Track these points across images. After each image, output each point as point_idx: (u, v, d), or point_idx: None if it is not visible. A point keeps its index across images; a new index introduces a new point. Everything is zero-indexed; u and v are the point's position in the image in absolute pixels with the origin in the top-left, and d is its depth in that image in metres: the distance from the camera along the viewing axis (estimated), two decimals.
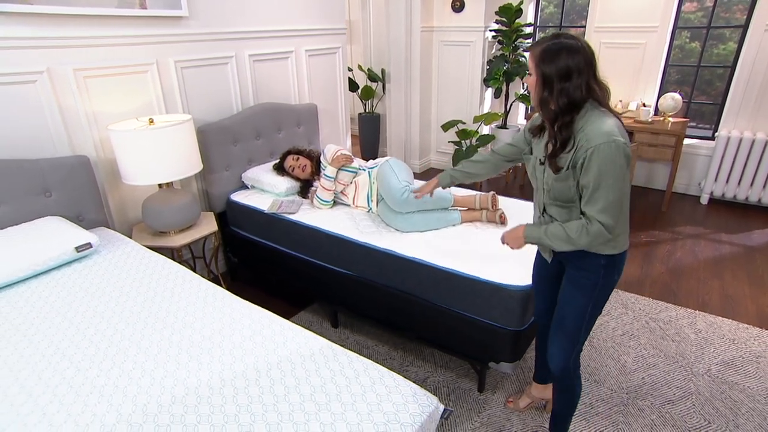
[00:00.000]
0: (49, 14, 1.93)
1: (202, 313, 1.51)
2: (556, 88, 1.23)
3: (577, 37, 1.25)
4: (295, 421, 1.08)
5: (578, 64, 1.21)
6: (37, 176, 1.94)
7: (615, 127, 1.21)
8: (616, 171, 1.20)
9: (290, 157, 2.62)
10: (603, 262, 1.35)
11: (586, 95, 1.23)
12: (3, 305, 1.54)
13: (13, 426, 1.07)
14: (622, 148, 1.19)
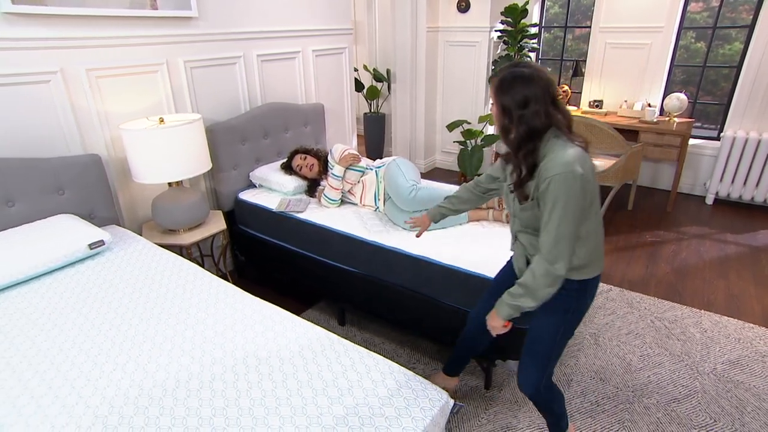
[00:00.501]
0: (63, 15, 1.96)
1: (214, 309, 1.53)
2: (515, 116, 1.23)
3: (534, 65, 1.25)
4: (309, 415, 1.10)
5: (535, 92, 1.20)
6: (51, 175, 1.97)
7: (575, 156, 1.19)
8: (569, 202, 1.18)
9: (298, 157, 2.64)
10: (576, 287, 1.34)
11: (545, 122, 1.22)
12: (20, 301, 1.57)
13: (35, 416, 1.10)
14: (579, 179, 1.16)
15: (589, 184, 1.20)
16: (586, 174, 1.18)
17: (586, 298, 1.38)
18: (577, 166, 1.17)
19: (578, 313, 1.40)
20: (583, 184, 1.17)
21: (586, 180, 1.18)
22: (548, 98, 1.22)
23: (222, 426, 1.07)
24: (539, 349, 1.43)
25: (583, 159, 1.21)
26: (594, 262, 1.33)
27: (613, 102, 4.37)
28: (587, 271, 1.33)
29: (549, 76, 1.24)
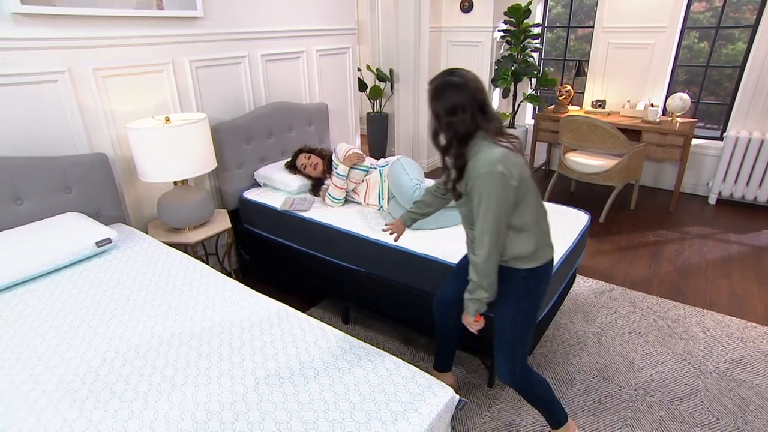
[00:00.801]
0: (71, 15, 1.98)
1: (221, 306, 1.55)
2: (444, 122, 1.34)
3: (465, 74, 1.34)
4: (316, 410, 1.11)
5: (462, 100, 1.30)
6: (59, 173, 1.99)
7: (498, 157, 1.29)
8: (492, 199, 1.29)
9: (302, 156, 2.65)
10: (524, 275, 1.42)
11: (472, 128, 1.32)
12: (29, 297, 1.58)
13: (47, 410, 1.11)
14: (500, 177, 1.27)
15: (512, 181, 1.30)
16: (508, 173, 1.28)
17: (539, 284, 1.47)
18: (499, 166, 1.28)
19: (533, 299, 1.48)
20: (504, 181, 1.28)
21: (508, 178, 1.29)
22: (476, 106, 1.32)
23: (230, 420, 1.09)
24: (505, 338, 1.51)
25: (507, 158, 1.31)
26: (540, 251, 1.42)
27: (615, 102, 4.38)
28: (533, 260, 1.41)
29: (479, 85, 1.34)
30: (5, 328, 1.42)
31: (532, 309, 1.49)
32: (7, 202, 1.85)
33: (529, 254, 1.40)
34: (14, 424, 1.07)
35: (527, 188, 1.36)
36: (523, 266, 1.41)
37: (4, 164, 1.82)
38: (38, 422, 1.08)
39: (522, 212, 1.37)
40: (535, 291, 1.47)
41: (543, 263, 1.43)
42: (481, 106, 1.32)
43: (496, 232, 1.33)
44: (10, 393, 1.17)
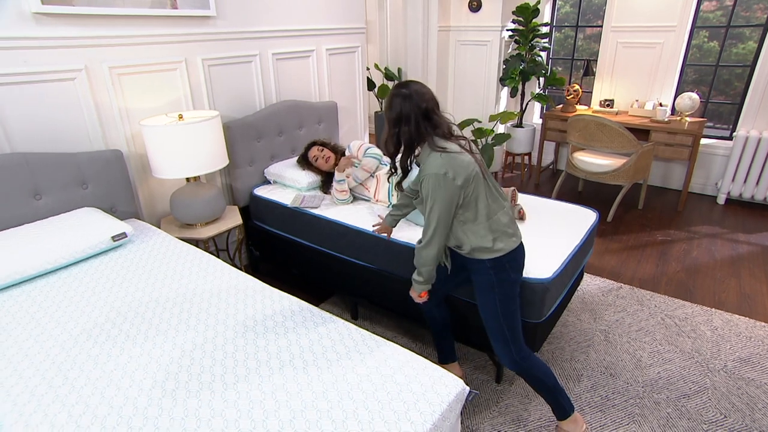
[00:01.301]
0: (89, 15, 2.02)
1: (234, 299, 1.58)
2: (393, 131, 1.49)
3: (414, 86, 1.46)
4: (329, 399, 1.14)
5: (408, 112, 1.43)
6: (76, 169, 2.04)
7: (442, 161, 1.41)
8: (437, 198, 1.42)
9: (315, 148, 2.65)
10: (489, 264, 1.53)
11: (415, 138, 1.46)
12: (48, 290, 1.63)
13: (71, 396, 1.15)
14: (443, 178, 1.40)
15: (456, 181, 1.41)
16: (452, 174, 1.40)
17: (507, 272, 1.55)
18: (443, 168, 1.40)
19: (506, 286, 1.56)
20: (447, 182, 1.40)
21: (452, 179, 1.40)
22: (420, 115, 1.44)
23: (246, 408, 1.12)
24: (491, 326, 1.61)
25: (452, 161, 1.41)
26: (498, 242, 1.51)
27: (624, 101, 4.37)
28: (493, 251, 1.51)
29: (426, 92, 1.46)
30: (27, 318, 1.47)
31: (508, 295, 1.57)
32: (27, 197, 1.90)
33: (488, 246, 1.50)
34: (41, 408, 1.11)
35: (476, 186, 1.46)
36: (486, 257, 1.52)
37: (24, 160, 1.86)
38: (63, 406, 1.12)
39: (472, 208, 1.48)
40: (506, 279, 1.55)
41: (505, 253, 1.52)
42: (425, 114, 1.44)
43: (437, 227, 1.46)
44: (36, 378, 1.21)
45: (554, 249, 1.94)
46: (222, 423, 1.07)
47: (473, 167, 1.45)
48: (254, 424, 1.07)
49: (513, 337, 1.60)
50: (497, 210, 1.53)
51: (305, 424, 1.07)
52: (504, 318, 1.57)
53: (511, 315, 1.58)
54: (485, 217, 1.49)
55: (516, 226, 1.59)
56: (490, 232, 1.50)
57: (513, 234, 1.55)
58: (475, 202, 1.48)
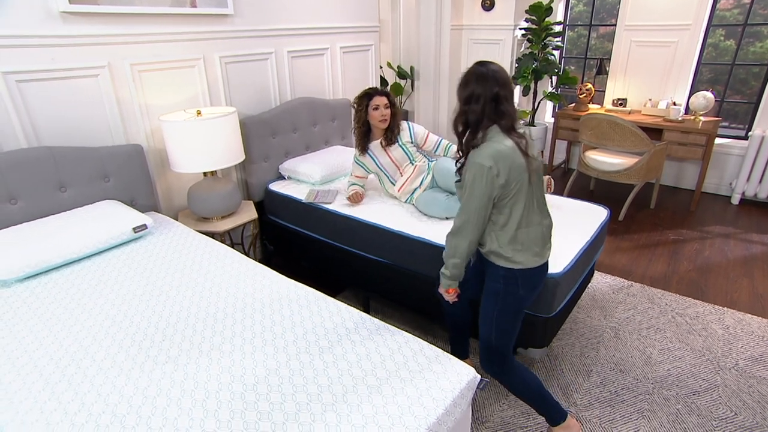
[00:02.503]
0: (113, 13, 2.08)
1: (251, 288, 1.63)
2: (462, 109, 1.43)
3: (492, 66, 1.40)
4: (344, 384, 1.18)
5: (481, 92, 1.37)
6: (99, 163, 2.10)
7: (495, 153, 1.34)
8: (476, 189, 1.36)
9: (385, 98, 2.33)
10: (502, 273, 1.49)
11: (480, 119, 1.39)
12: (74, 278, 1.69)
13: (98, 377, 1.21)
14: (487, 171, 1.34)
15: (498, 178, 1.35)
16: (496, 169, 1.34)
17: (516, 287, 1.49)
18: (490, 161, 1.34)
19: (510, 301, 1.51)
20: (489, 176, 1.34)
21: (494, 174, 1.34)
22: (489, 100, 1.37)
23: (254, 383, 1.16)
24: (482, 328, 1.60)
25: (504, 157, 1.35)
26: (518, 255, 1.45)
27: (637, 100, 4.35)
28: (510, 261, 1.46)
29: (504, 77, 1.39)
30: (55, 305, 1.53)
31: (508, 309, 1.52)
32: (53, 190, 1.97)
33: (507, 255, 1.45)
34: (52, 392, 1.17)
35: (518, 192, 1.40)
36: (501, 264, 1.47)
37: (51, 154, 1.93)
38: (106, 379, 1.17)
39: (505, 212, 1.43)
40: (512, 293, 1.50)
41: (521, 268, 1.46)
42: (495, 99, 1.37)
43: (469, 219, 1.41)
44: (65, 359, 1.27)
45: (565, 244, 1.96)
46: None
47: (522, 171, 1.38)
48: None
49: (499, 348, 1.58)
50: (532, 223, 1.46)
51: (321, 407, 1.11)
52: (496, 329, 1.55)
53: (505, 329, 1.55)
54: (515, 225, 1.43)
55: (547, 247, 1.52)
56: (514, 242, 1.44)
57: (538, 253, 1.48)
58: (511, 209, 1.42)
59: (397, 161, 2.42)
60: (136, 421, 1.08)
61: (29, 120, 1.94)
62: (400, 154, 2.42)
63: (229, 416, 1.09)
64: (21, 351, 1.31)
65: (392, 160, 2.42)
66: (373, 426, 1.06)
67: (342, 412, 1.10)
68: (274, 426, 1.06)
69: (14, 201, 1.88)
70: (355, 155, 2.49)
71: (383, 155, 2.42)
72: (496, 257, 1.48)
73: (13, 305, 1.52)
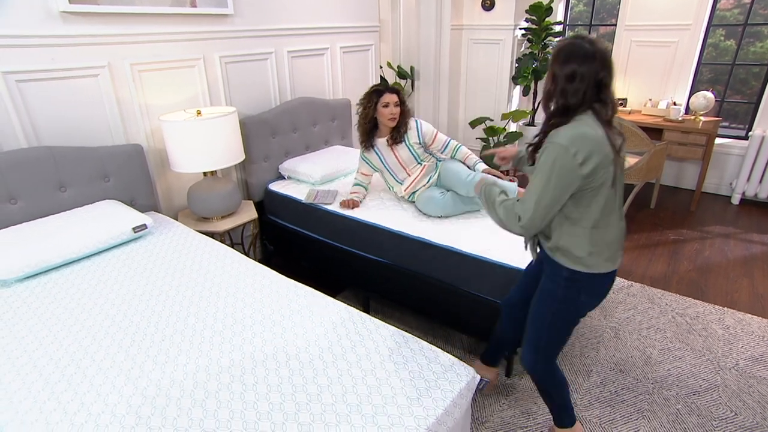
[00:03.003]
0: (113, 13, 2.08)
1: (251, 288, 1.63)
2: (558, 88, 1.25)
3: (597, 43, 1.22)
4: (344, 384, 1.18)
5: (584, 71, 1.20)
6: (99, 162, 2.10)
7: (579, 135, 1.19)
8: (549, 173, 1.21)
9: (395, 96, 2.26)
10: (565, 275, 1.35)
11: (580, 102, 1.23)
12: (74, 278, 1.69)
13: (97, 377, 1.21)
14: (570, 159, 1.18)
15: (582, 167, 1.20)
16: (580, 157, 1.19)
17: (578, 292, 1.37)
18: (575, 146, 1.18)
19: (567, 306, 1.40)
20: (573, 164, 1.19)
21: (577, 162, 1.19)
22: (592, 84, 1.21)
23: (254, 383, 1.16)
24: (532, 329, 1.50)
25: (591, 144, 1.19)
26: (589, 258, 1.31)
27: (637, 100, 4.35)
28: (578, 263, 1.32)
29: (610, 60, 1.22)
30: (54, 305, 1.53)
31: (564, 314, 1.42)
32: (53, 189, 1.97)
33: (579, 255, 1.31)
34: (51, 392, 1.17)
35: (602, 186, 1.24)
36: (566, 264, 1.33)
37: (51, 154, 1.93)
38: (106, 379, 1.17)
39: (584, 207, 1.27)
40: (572, 298, 1.37)
41: (589, 272, 1.32)
42: (598, 84, 1.22)
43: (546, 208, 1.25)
44: (65, 359, 1.27)
45: None
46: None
47: (608, 164, 1.22)
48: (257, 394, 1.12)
49: (546, 350, 1.50)
50: (610, 224, 1.31)
51: (320, 407, 1.11)
52: (548, 331, 1.45)
53: (557, 334, 1.46)
54: (592, 224, 1.29)
55: (620, 252, 1.38)
56: (589, 242, 1.30)
57: (611, 258, 1.34)
58: (589, 204, 1.27)
59: (403, 161, 2.37)
60: (136, 420, 1.08)
61: (29, 120, 1.94)
62: (407, 155, 2.36)
63: (228, 416, 1.09)
64: (21, 351, 1.31)
65: (399, 160, 2.37)
66: (372, 426, 1.06)
67: (341, 413, 1.10)
68: (274, 426, 1.06)
69: (14, 201, 1.88)
70: (361, 152, 2.45)
71: (390, 154, 2.37)
72: (561, 255, 1.33)
73: (12, 305, 1.52)
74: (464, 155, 2.40)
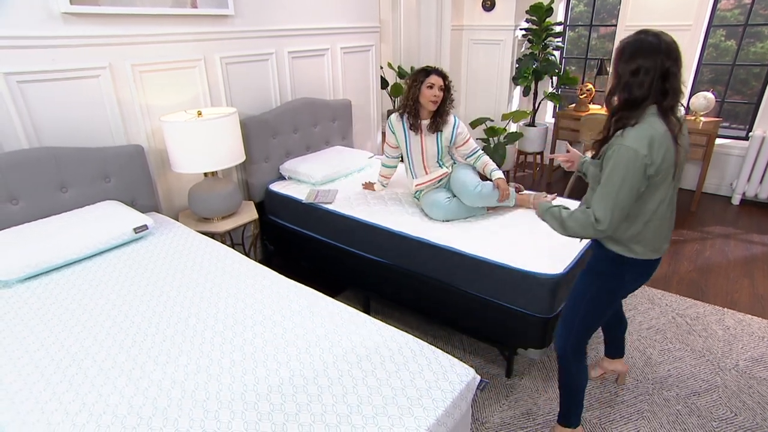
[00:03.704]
0: (114, 14, 2.09)
1: (252, 289, 1.64)
2: (622, 82, 1.28)
3: (662, 36, 1.25)
4: (344, 385, 1.19)
5: (650, 66, 1.23)
6: (100, 163, 2.11)
7: (650, 137, 1.22)
8: (622, 175, 1.24)
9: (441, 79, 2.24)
10: (611, 256, 1.40)
11: (645, 95, 1.25)
12: (75, 278, 1.70)
13: (98, 378, 1.21)
14: (641, 159, 1.22)
15: (650, 168, 1.23)
16: (650, 160, 1.23)
17: (623, 275, 1.42)
18: (645, 149, 1.22)
19: (610, 286, 1.44)
20: (643, 167, 1.23)
21: (647, 165, 1.23)
22: (658, 76, 1.23)
23: (254, 383, 1.17)
24: (569, 307, 1.55)
25: (659, 143, 1.23)
26: (636, 245, 1.36)
27: None
28: (625, 249, 1.38)
29: (676, 50, 1.24)
30: (56, 305, 1.53)
31: (604, 295, 1.46)
32: (54, 190, 1.97)
33: (627, 245, 1.36)
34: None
35: (660, 183, 1.29)
36: (613, 248, 1.39)
37: (52, 154, 1.94)
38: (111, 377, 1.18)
39: (639, 202, 1.31)
40: (617, 279, 1.43)
41: (635, 257, 1.38)
42: (664, 75, 1.23)
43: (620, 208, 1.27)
44: (66, 359, 1.27)
45: (565, 246, 1.96)
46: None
47: (671, 163, 1.26)
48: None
49: (579, 333, 1.54)
50: (662, 218, 1.36)
51: (321, 407, 1.12)
52: (585, 310, 1.49)
53: (594, 314, 1.50)
54: (647, 218, 1.33)
55: (667, 242, 1.43)
56: (637, 234, 1.35)
57: (657, 249, 1.39)
58: (645, 201, 1.31)
59: (426, 154, 2.33)
60: (137, 421, 1.08)
61: (30, 120, 1.95)
62: (432, 150, 2.32)
63: (229, 417, 1.10)
64: (22, 351, 1.31)
65: (423, 148, 2.31)
66: (373, 427, 1.07)
67: (342, 413, 1.10)
68: (275, 427, 1.07)
69: (15, 201, 1.88)
70: (390, 118, 2.38)
71: (417, 143, 2.32)
72: (611, 242, 1.39)
73: (14, 305, 1.52)
74: (484, 164, 2.37)
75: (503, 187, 2.23)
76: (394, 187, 2.68)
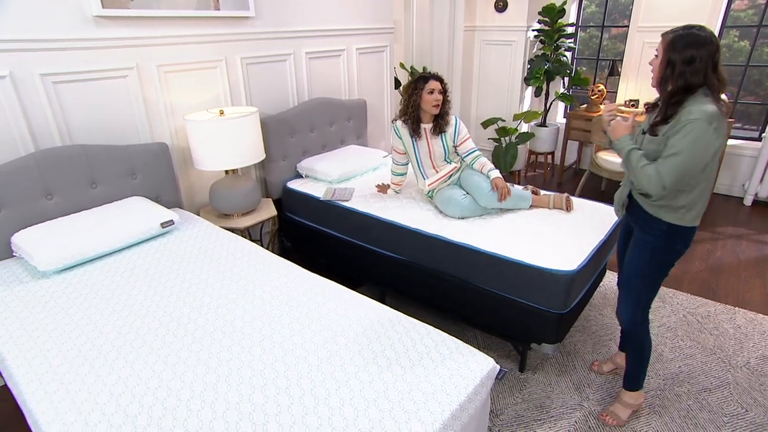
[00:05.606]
0: (142, 17, 2.17)
1: (277, 282, 1.70)
2: (678, 71, 1.42)
3: (707, 29, 1.42)
4: (370, 372, 1.25)
5: (702, 54, 1.39)
6: (127, 160, 2.19)
7: (714, 112, 1.36)
8: (696, 147, 1.38)
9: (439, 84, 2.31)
10: (665, 228, 1.55)
11: (701, 82, 1.41)
12: (108, 270, 1.77)
13: (137, 363, 1.28)
14: (711, 131, 1.36)
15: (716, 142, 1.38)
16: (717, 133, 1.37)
17: (676, 243, 1.57)
18: (715, 123, 1.36)
19: (667, 255, 1.59)
20: (712, 139, 1.37)
21: (716, 138, 1.37)
22: (711, 62, 1.40)
23: (284, 370, 1.23)
24: (631, 284, 1.68)
25: (720, 120, 1.39)
26: (688, 214, 1.51)
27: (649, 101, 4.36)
28: (679, 218, 1.52)
29: (718, 43, 1.41)
30: (92, 295, 1.61)
31: (663, 264, 1.61)
32: (85, 186, 2.05)
33: (682, 212, 1.51)
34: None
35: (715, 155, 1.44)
36: (667, 219, 1.53)
37: (84, 151, 2.02)
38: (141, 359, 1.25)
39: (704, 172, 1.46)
40: (671, 248, 1.58)
41: (686, 225, 1.53)
42: (715, 66, 1.41)
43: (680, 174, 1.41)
44: (106, 346, 1.34)
45: (579, 243, 2.00)
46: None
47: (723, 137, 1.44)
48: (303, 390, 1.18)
49: (645, 302, 1.68)
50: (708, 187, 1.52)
51: (349, 392, 1.18)
52: (649, 281, 1.64)
53: (655, 282, 1.65)
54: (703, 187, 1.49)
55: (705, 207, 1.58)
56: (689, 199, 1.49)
57: (700, 214, 1.55)
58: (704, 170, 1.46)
59: (433, 154, 2.40)
60: (176, 403, 1.15)
61: (63, 119, 2.03)
62: (439, 150, 2.40)
63: (263, 400, 1.16)
64: (65, 337, 1.38)
65: (430, 150, 2.39)
66: (399, 411, 1.12)
67: (369, 398, 1.16)
68: (294, 418, 1.12)
69: (50, 196, 1.96)
70: (396, 124, 2.46)
71: (423, 145, 2.40)
72: (667, 212, 1.53)
73: (54, 295, 1.60)
74: (482, 165, 2.41)
75: (501, 186, 2.28)
76: (408, 187, 2.73)
